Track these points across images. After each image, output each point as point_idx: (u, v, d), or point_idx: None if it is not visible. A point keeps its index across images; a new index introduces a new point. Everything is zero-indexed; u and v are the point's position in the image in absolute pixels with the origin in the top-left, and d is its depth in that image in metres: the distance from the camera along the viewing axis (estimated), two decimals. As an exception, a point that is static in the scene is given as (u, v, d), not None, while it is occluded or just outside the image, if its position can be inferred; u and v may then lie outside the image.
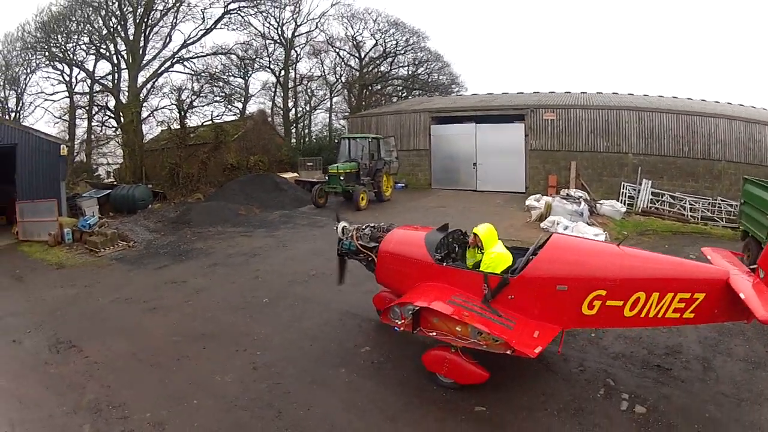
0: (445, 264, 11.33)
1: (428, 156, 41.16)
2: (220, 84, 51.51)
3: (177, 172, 39.22)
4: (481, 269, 10.87)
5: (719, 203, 31.30)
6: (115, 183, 39.93)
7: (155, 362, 12.03)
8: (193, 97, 47.12)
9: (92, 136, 49.30)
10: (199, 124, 46.28)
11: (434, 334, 10.21)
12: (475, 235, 11.46)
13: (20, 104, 48.03)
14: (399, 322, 10.60)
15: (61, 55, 45.85)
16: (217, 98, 50.75)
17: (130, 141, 43.04)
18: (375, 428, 9.26)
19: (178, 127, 42.39)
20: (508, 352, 9.28)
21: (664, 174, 33.68)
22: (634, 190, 33.16)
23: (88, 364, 12.12)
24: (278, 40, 56.08)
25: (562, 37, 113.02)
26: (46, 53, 45.65)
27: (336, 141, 42.66)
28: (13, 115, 46.56)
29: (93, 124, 48.74)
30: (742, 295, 8.73)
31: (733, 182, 31.56)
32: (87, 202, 31.50)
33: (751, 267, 10.18)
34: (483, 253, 11.27)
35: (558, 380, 10.79)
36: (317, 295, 16.28)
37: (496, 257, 10.81)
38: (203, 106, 48.87)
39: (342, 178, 32.00)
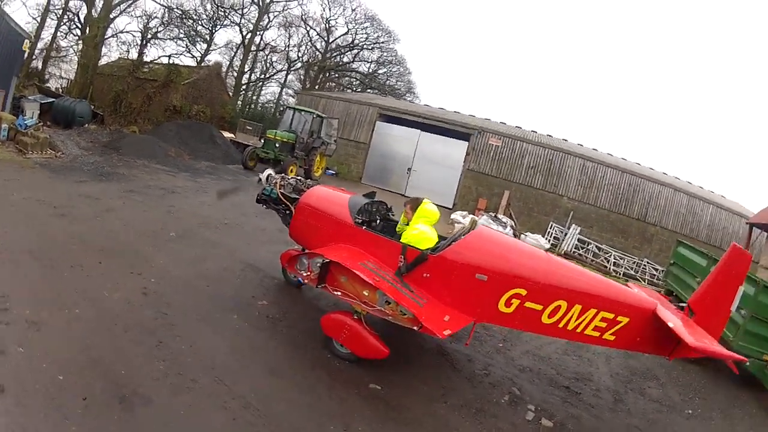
0: (364, 228, 10.81)
1: (366, 150, 40.89)
2: (189, 22, 50.70)
3: (121, 100, 38.52)
4: (401, 240, 10.27)
5: (645, 264, 31.76)
6: (60, 93, 38.20)
7: (48, 264, 11.22)
8: (160, 28, 46.50)
9: (54, 45, 47.36)
10: (156, 57, 45.96)
11: (339, 293, 9.74)
12: (411, 204, 10.99)
13: None
14: (305, 274, 10.22)
15: None
16: (181, 35, 49.99)
17: (88, 56, 41.74)
18: (256, 378, 8.62)
19: (136, 55, 42.17)
20: (415, 327, 8.76)
21: (594, 224, 34.38)
22: (562, 232, 33.57)
23: None
24: (255, 1, 55.25)
25: (523, 73, 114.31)
26: None
27: (281, 109, 41.91)
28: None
29: (59, 33, 46.74)
30: (671, 324, 8.41)
31: (663, 248, 32.57)
32: (30, 104, 30.37)
33: (680, 305, 10.06)
34: (408, 226, 10.75)
35: (461, 378, 10.26)
36: (225, 243, 15.56)
37: (419, 234, 10.12)
38: (166, 39, 48.22)
39: (277, 145, 31.52)
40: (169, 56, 46.88)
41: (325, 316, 10.07)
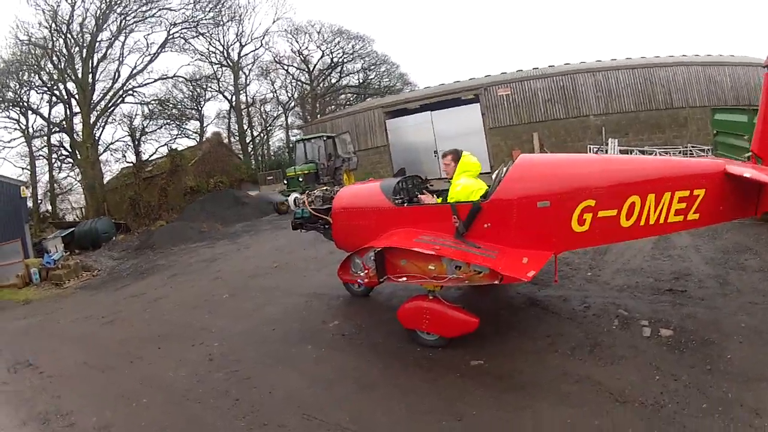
0: (406, 205, 9.79)
1: (387, 151, 39.91)
2: (170, 106, 50.56)
3: (137, 202, 38.10)
4: (448, 201, 9.17)
5: (690, 149, 30.43)
6: (77, 221, 38.37)
7: (107, 367, 10.66)
8: (145, 122, 46.71)
9: (55, 184, 47.78)
10: (155, 150, 46.21)
11: (404, 279, 8.62)
12: (452, 155, 9.76)
13: None
14: (362, 275, 9.21)
15: (15, 99, 44.29)
16: (168, 121, 49.99)
17: (89, 177, 41.75)
18: (347, 399, 7.55)
19: (134, 155, 42.24)
20: (496, 281, 7.75)
21: (629, 130, 32.96)
22: (602, 150, 32.09)
23: (42, 378, 10.93)
24: (225, 63, 55.26)
25: (503, 18, 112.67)
26: (4, 102, 43.94)
27: (291, 146, 40.99)
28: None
29: (53, 170, 47.27)
30: (747, 174, 7.32)
31: (700, 127, 30.94)
32: (51, 242, 29.56)
33: (745, 155, 8.81)
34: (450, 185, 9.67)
35: (562, 320, 9.19)
36: (280, 284, 14.67)
37: (464, 188, 9.02)
38: (156, 129, 48.43)
39: (301, 179, 30.67)
40: (167, 144, 47.17)
41: (401, 309, 9.08)
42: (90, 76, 43.80)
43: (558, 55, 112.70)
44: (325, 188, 12.07)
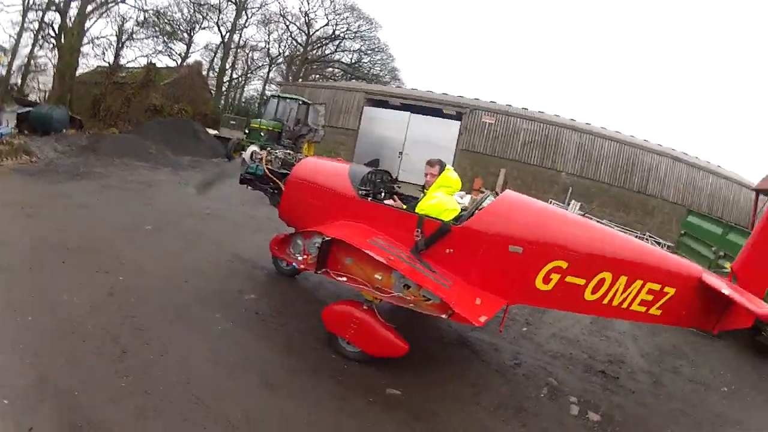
0: (370, 200, 9.05)
1: (355, 137, 39.36)
2: (165, 20, 48.77)
3: (99, 104, 36.84)
4: (416, 211, 8.49)
5: (647, 238, 30.06)
6: (37, 102, 36.56)
7: (4, 267, 9.58)
8: (135, 28, 44.51)
9: (32, 61, 45.84)
10: (134, 58, 45.04)
11: (344, 279, 8.01)
12: (439, 165, 9.15)
13: None
14: (300, 258, 8.60)
15: None
16: (157, 34, 47.81)
17: (65, 65, 39.88)
18: (244, 392, 6.80)
19: (112, 57, 40.67)
20: (444, 315, 7.16)
21: (595, 199, 32.69)
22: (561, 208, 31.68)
23: None
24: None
25: (509, 52, 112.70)
26: None
27: (264, 99, 40.02)
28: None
29: (36, 47, 45.16)
30: (725, 291, 6.95)
31: (665, 221, 31.37)
32: (6, 115, 28.98)
33: (725, 271, 8.53)
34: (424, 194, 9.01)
35: (490, 372, 8.66)
36: (208, 234, 13.78)
37: (438, 203, 8.35)
38: (143, 39, 46.14)
39: (263, 134, 29.85)
40: (147, 56, 45.06)
41: (328, 309, 8.35)
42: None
43: (549, 104, 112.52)
44: (288, 151, 11.28)
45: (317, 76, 62.74)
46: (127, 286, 9.49)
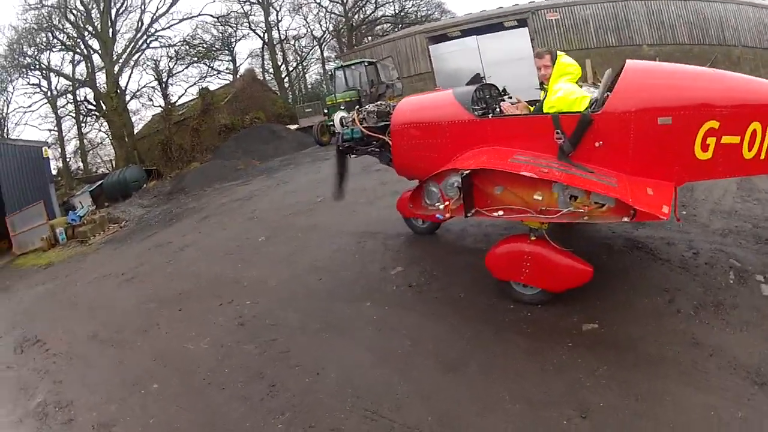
0: (491, 117, 7.52)
1: (432, 77, 37.41)
2: (197, 46, 48.93)
3: (168, 146, 36.66)
4: (545, 111, 7.08)
5: None
6: (106, 173, 37.27)
7: (117, 340, 9.07)
8: (171, 64, 45.28)
9: (84, 141, 47.53)
10: (184, 91, 45.76)
11: (500, 213, 6.61)
12: (549, 55, 7.63)
13: (5, 127, 46.11)
14: (441, 207, 7.06)
15: (33, 64, 43.50)
16: (196, 59, 48.37)
17: (116, 127, 40.79)
18: (425, 387, 5.59)
19: (162, 99, 41.58)
20: (625, 218, 6.01)
21: (682, 63, 30.13)
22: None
23: (47, 358, 9.53)
24: (255, 1, 53.06)
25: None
26: (21, 69, 43.46)
27: (329, 75, 38.93)
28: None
29: (81, 127, 47.05)
30: None
31: (752, 69, 28.29)
32: (78, 198, 29.60)
33: None
34: (545, 92, 7.56)
35: (674, 270, 7.37)
36: (326, 222, 12.68)
37: (566, 94, 6.99)
38: (183, 69, 47.07)
39: (343, 107, 27.94)
40: (195, 83, 46.17)
41: (491, 254, 7.06)
42: (110, 30, 42.58)
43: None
44: (379, 103, 10.00)
45: (369, 38, 61.40)
46: (254, 310, 8.52)
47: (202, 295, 9.89)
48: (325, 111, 31.37)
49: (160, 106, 42.16)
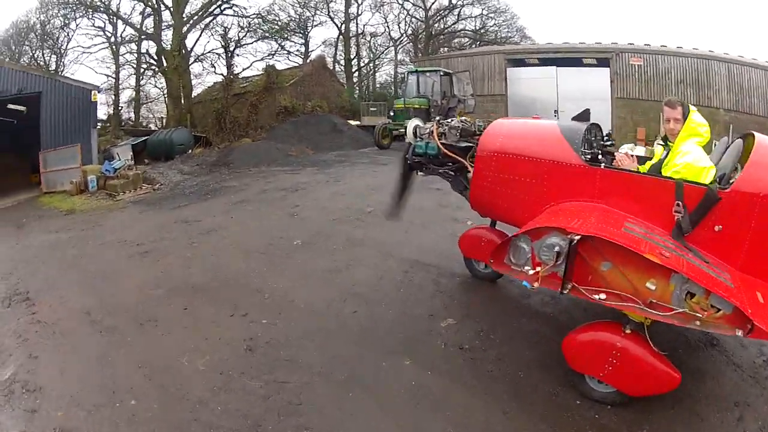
0: (603, 167, 6.26)
1: (504, 102, 36.49)
2: (271, 20, 47.34)
3: (223, 116, 35.98)
4: (664, 173, 5.99)
5: None
6: (154, 130, 37.01)
7: (108, 326, 8.02)
8: (241, 34, 44.00)
9: (141, 92, 47.75)
10: (250, 63, 45.49)
11: (602, 297, 5.24)
12: (681, 107, 6.30)
13: (61, 64, 45.60)
14: (531, 272, 5.50)
15: (101, 7, 42.68)
16: (267, 35, 46.69)
17: (174, 87, 39.97)
18: None
19: (225, 68, 40.87)
20: (739, 332, 4.77)
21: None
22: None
23: (32, 322, 8.65)
24: None
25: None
26: (84, 6, 42.44)
27: (402, 77, 37.79)
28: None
29: (140, 78, 47.34)
30: None
31: None
32: (119, 149, 28.59)
33: None
34: (668, 150, 6.28)
35: (745, 378, 6.31)
36: (373, 238, 11.32)
37: (695, 161, 5.74)
38: (253, 42, 45.57)
39: (411, 114, 26.88)
40: (262, 58, 44.87)
41: (573, 340, 5.78)
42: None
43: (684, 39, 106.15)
44: (464, 119, 8.52)
45: (445, 49, 60.75)
46: (271, 333, 7.24)
47: (215, 296, 8.75)
48: (390, 113, 30.16)
49: (221, 74, 41.52)
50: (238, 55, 44.08)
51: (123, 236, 13.54)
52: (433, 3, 57.64)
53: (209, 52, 43.94)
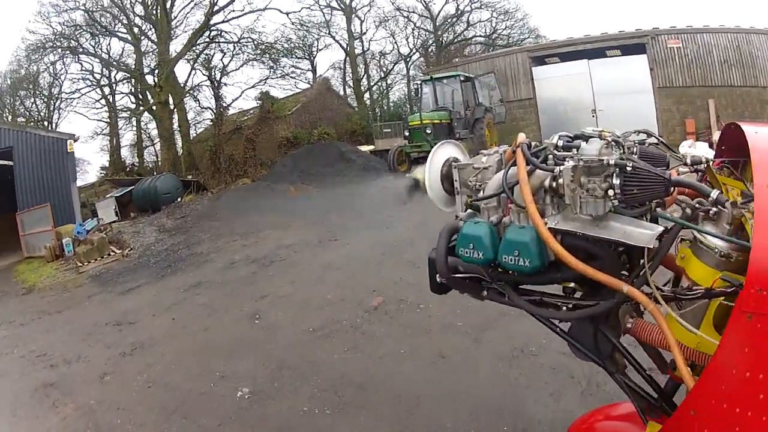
0: None
1: (534, 106, 32.88)
2: (263, 47, 43.93)
3: (217, 155, 33.30)
4: None
5: None
6: (139, 178, 34.11)
7: None
8: (226, 60, 41.53)
9: (142, 135, 46.20)
10: (242, 92, 46.24)
11: None
12: None
13: (56, 113, 45.30)
14: None
15: (88, 47, 41.40)
16: (256, 57, 43.48)
17: (164, 128, 37.91)
18: None
19: (214, 100, 38.86)
20: None
21: None
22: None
23: None
24: (337, 6, 50.64)
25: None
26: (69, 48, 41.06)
27: (414, 87, 33.83)
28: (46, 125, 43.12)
29: (140, 121, 45.69)
30: None
31: None
32: (102, 204, 28.64)
33: None
34: None
35: None
36: (379, 377, 6.32)
37: None
38: (239, 67, 42.87)
39: (429, 131, 23.09)
40: (254, 85, 42.75)
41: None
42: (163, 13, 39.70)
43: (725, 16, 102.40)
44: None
45: (458, 59, 57.85)
46: None
47: None
48: (406, 134, 25.66)
49: (208, 107, 39.66)
50: (225, 84, 41.60)
51: (41, 346, 10.19)
52: (439, 12, 55.93)
53: (197, 85, 41.97)
